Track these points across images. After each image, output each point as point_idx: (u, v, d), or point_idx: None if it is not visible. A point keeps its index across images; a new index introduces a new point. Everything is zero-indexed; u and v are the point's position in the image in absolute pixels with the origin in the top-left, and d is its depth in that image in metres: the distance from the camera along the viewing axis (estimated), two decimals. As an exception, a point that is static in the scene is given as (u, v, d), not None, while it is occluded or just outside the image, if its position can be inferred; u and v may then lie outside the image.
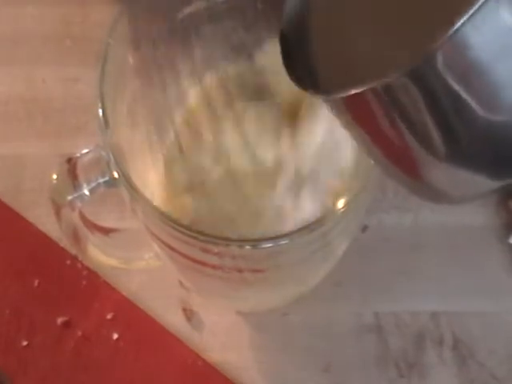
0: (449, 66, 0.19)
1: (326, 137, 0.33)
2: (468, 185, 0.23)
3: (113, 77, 0.28)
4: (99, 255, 0.33)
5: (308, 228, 0.26)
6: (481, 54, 0.19)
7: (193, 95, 0.34)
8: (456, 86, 0.20)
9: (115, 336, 0.37)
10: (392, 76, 0.20)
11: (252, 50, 0.33)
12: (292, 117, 0.33)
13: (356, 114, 0.22)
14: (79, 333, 0.37)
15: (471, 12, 0.18)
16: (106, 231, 0.32)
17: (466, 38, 0.19)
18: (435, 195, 0.24)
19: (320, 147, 0.33)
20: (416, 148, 0.22)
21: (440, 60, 0.19)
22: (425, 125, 0.21)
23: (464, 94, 0.20)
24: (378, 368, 0.37)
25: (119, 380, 0.36)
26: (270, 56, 0.33)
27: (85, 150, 0.29)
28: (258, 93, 0.33)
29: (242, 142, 0.33)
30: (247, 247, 0.26)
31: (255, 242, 0.26)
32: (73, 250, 0.38)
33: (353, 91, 0.21)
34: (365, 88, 0.20)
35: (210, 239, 0.25)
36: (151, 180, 0.33)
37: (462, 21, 0.19)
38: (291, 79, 0.24)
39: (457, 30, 0.19)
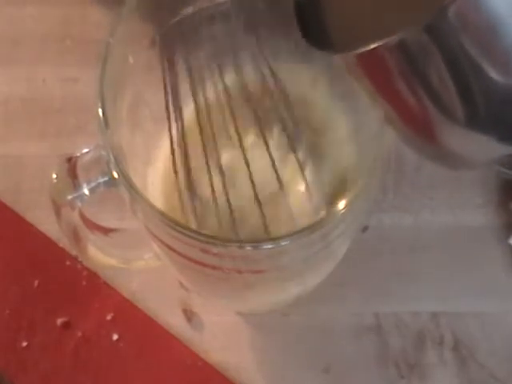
0: (465, 22, 0.19)
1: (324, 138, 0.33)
2: (484, 148, 0.23)
3: (113, 77, 0.28)
4: (99, 255, 0.33)
5: (308, 229, 0.26)
6: (499, 9, 0.19)
7: (193, 96, 0.34)
8: (472, 44, 0.19)
9: (115, 337, 0.37)
10: (407, 31, 0.19)
11: (253, 51, 0.33)
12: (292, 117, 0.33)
13: (372, 74, 0.22)
14: (79, 333, 0.37)
15: None
16: (106, 231, 0.32)
17: None
18: (451, 159, 0.24)
19: (317, 148, 0.33)
20: (432, 109, 0.21)
21: (456, 14, 0.19)
22: (440, 85, 0.20)
23: (480, 53, 0.20)
24: (378, 368, 0.36)
25: (119, 381, 0.36)
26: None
27: (85, 150, 0.29)
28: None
29: (237, 147, 0.32)
30: (247, 248, 0.26)
31: (255, 242, 0.26)
32: (73, 251, 0.38)
33: (369, 47, 0.20)
34: (380, 43, 0.20)
35: (209, 240, 0.25)
36: (151, 180, 0.33)
37: None
38: (306, 41, 0.24)
39: None
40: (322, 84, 0.34)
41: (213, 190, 0.30)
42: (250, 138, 0.33)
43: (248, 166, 0.31)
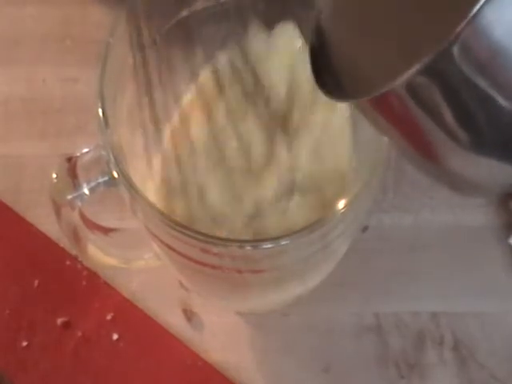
0: (468, 56, 0.19)
1: (323, 137, 0.33)
2: (498, 176, 0.23)
3: (113, 77, 0.28)
4: (99, 255, 0.33)
5: (308, 229, 0.26)
6: (503, 39, 0.19)
7: (191, 95, 0.34)
8: (478, 76, 0.20)
9: (115, 336, 0.37)
10: (410, 73, 0.20)
11: (251, 51, 0.33)
12: (287, 118, 0.33)
13: (384, 113, 0.22)
14: (79, 333, 0.37)
15: None
16: (106, 231, 0.32)
17: (486, 23, 0.19)
18: (464, 187, 0.24)
19: (316, 148, 0.33)
20: (444, 141, 0.21)
21: (459, 50, 0.19)
22: (450, 117, 0.21)
23: (486, 84, 0.20)
24: (378, 368, 0.36)
25: (119, 381, 0.36)
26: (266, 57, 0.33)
27: (85, 150, 0.29)
28: (255, 93, 0.33)
29: (237, 142, 0.33)
30: (247, 248, 0.26)
31: (255, 242, 0.26)
32: (73, 251, 0.38)
33: (376, 92, 0.21)
34: (385, 89, 0.20)
35: (209, 239, 0.25)
36: (151, 180, 0.33)
37: (480, 3, 0.18)
38: (322, 90, 0.24)
39: (475, 14, 0.18)
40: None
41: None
42: (246, 139, 0.33)
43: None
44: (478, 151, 0.22)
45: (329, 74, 0.24)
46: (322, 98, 0.24)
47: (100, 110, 0.27)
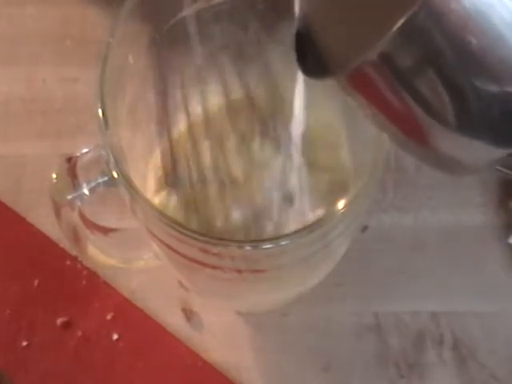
0: (438, 24, 0.19)
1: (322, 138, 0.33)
2: (480, 152, 0.23)
3: (113, 77, 0.28)
4: (99, 255, 0.33)
5: (308, 229, 0.26)
6: (474, 5, 0.19)
7: (191, 96, 0.34)
8: (447, 44, 0.19)
9: (115, 336, 0.37)
10: (379, 43, 0.20)
11: (251, 51, 0.33)
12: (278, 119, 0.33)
13: (365, 90, 0.22)
14: (79, 333, 0.37)
15: None
16: (106, 231, 0.32)
17: None
18: (447, 164, 0.24)
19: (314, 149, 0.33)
20: (423, 116, 0.21)
21: (424, 16, 0.19)
22: (427, 90, 0.21)
23: (457, 54, 0.20)
24: (378, 368, 0.36)
25: (119, 380, 0.36)
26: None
27: (85, 150, 0.29)
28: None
29: (237, 148, 0.33)
30: (247, 248, 0.26)
31: (255, 242, 0.26)
32: (73, 251, 0.38)
33: (351, 66, 0.21)
34: (361, 60, 0.20)
35: (209, 240, 0.25)
36: (151, 180, 0.33)
37: None
38: (305, 75, 0.24)
39: None
40: (320, 85, 0.34)
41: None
42: (247, 139, 0.33)
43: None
44: (458, 129, 0.21)
45: (314, 60, 0.24)
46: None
47: (100, 110, 0.27)
